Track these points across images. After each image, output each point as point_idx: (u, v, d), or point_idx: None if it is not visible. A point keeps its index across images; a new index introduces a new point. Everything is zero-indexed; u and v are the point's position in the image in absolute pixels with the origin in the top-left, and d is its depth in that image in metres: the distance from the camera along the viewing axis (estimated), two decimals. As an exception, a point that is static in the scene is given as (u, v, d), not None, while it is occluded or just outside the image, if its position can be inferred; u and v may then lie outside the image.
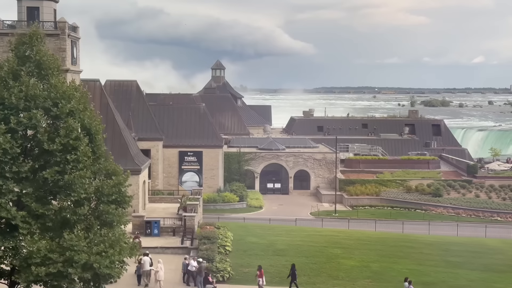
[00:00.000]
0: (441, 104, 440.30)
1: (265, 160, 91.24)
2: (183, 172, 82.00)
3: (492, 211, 77.24)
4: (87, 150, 27.33)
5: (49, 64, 28.27)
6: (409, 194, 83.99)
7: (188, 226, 45.36)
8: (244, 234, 47.28)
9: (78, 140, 27.14)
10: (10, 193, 26.36)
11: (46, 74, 28.15)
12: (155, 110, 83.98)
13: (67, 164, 26.74)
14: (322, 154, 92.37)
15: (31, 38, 28.19)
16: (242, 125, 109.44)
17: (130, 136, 58.24)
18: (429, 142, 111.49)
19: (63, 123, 27.23)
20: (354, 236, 49.49)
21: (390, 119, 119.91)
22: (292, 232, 49.61)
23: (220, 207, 77.05)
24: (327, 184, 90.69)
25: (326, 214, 75.78)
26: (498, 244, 50.34)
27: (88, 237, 26.75)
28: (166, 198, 59.43)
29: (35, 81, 27.50)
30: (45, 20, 46.87)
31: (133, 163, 51.85)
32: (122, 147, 52.15)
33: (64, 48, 46.45)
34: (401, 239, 49.72)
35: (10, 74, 27.38)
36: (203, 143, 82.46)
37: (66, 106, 27.38)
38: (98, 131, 28.72)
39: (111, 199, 28.28)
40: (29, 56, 28.10)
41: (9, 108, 26.77)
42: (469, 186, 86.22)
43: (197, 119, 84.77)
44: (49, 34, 46.61)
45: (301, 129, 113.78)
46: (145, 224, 45.26)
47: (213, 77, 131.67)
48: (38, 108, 26.98)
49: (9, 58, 27.87)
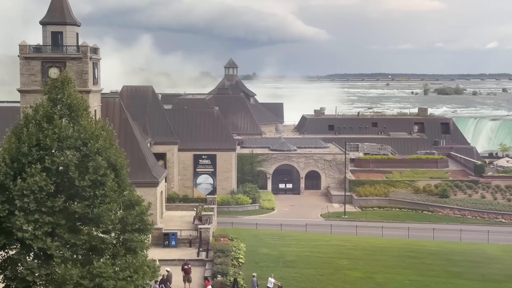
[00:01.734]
0: (454, 92, 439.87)
1: (277, 161, 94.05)
2: (198, 174, 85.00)
3: (496, 213, 79.57)
4: (113, 185, 30.33)
5: (78, 106, 31.24)
6: (417, 195, 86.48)
7: (204, 238, 48.42)
8: (256, 244, 50.28)
9: (105, 176, 30.16)
10: (46, 225, 29.43)
11: (76, 116, 31.12)
12: (170, 115, 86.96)
13: (96, 198, 29.79)
14: (332, 155, 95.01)
15: (63, 83, 31.14)
16: (254, 125, 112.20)
17: (147, 148, 61.23)
18: (438, 140, 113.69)
19: (92, 161, 30.20)
20: (360, 245, 52.31)
21: (399, 117, 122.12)
22: (301, 242, 52.53)
23: (234, 209, 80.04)
24: (337, 184, 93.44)
25: (336, 216, 78.58)
26: (497, 253, 52.90)
27: (115, 264, 29.82)
28: (182, 206, 62.55)
29: (67, 123, 30.44)
30: (68, 44, 49.79)
31: (150, 176, 54.88)
32: (141, 161, 55.15)
33: (86, 71, 49.40)
34: (405, 248, 52.47)
35: (44, 118, 30.37)
36: (216, 146, 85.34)
37: (95, 145, 30.35)
38: (123, 166, 31.67)
39: (135, 227, 31.31)
40: (61, 99, 31.07)
41: (44, 149, 29.77)
42: (475, 186, 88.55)
43: (211, 123, 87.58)
44: (72, 57, 49.64)
45: (312, 128, 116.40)
46: (163, 236, 48.34)
47: (226, 76, 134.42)
48: (69, 148, 29.98)
49: (43, 102, 30.82)
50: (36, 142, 29.86)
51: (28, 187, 28.77)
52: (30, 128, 30.11)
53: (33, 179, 28.76)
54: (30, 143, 29.77)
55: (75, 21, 51.07)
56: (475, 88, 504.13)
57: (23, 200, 28.85)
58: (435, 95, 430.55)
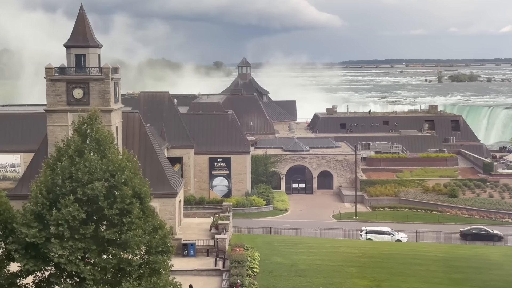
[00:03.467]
0: (468, 79, 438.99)
1: (290, 162, 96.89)
2: (213, 177, 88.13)
3: (503, 212, 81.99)
4: (139, 212, 33.42)
5: (105, 140, 34.30)
6: (427, 194, 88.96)
7: (220, 248, 51.60)
8: (270, 253, 53.35)
9: (132, 204, 33.26)
10: (78, 251, 32.62)
11: (104, 149, 34.17)
12: (186, 119, 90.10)
13: (123, 225, 32.94)
14: (344, 156, 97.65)
15: (91, 119, 34.19)
16: (268, 125, 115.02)
17: (166, 160, 64.25)
18: (448, 138, 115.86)
19: (119, 191, 33.28)
20: (368, 253, 55.14)
21: (410, 115, 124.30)
22: (312, 250, 55.49)
23: (249, 211, 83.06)
24: (349, 184, 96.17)
25: (347, 217, 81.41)
26: (499, 258, 55.54)
27: (141, 284, 33.00)
28: (199, 213, 65.74)
29: (96, 157, 33.49)
30: (91, 66, 52.86)
31: (169, 187, 58.00)
32: (160, 173, 58.25)
33: (108, 91, 52.47)
34: (411, 255, 55.26)
35: (76, 152, 33.46)
36: (231, 149, 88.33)
37: (121, 176, 33.41)
38: (147, 194, 34.73)
39: (158, 250, 34.43)
40: (90, 134, 34.13)
41: (76, 181, 32.88)
42: (484, 185, 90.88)
43: (226, 127, 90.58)
44: (95, 79, 52.74)
45: (325, 127, 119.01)
46: (182, 246, 51.55)
47: (240, 75, 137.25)
48: (98, 180, 33.07)
49: (74, 138, 33.90)
50: (68, 175, 32.97)
51: (63, 217, 31.95)
52: (63, 162, 33.21)
53: (67, 210, 31.92)
54: (63, 176, 32.90)
55: (97, 43, 54.09)
56: (490, 75, 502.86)
57: (58, 229, 32.04)
58: (449, 82, 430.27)
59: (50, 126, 52.97)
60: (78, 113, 49.77)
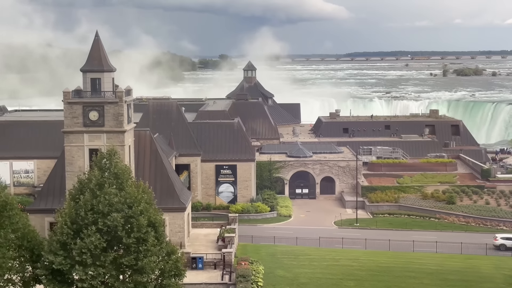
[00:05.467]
0: (473, 73, 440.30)
1: (294, 168, 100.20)
2: (220, 183, 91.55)
3: (499, 220, 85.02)
4: (154, 241, 36.92)
5: (123, 173, 37.75)
6: (425, 201, 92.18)
7: (227, 261, 55.13)
8: (273, 266, 56.87)
9: (147, 233, 36.77)
10: (100, 276, 36.15)
11: (121, 182, 37.62)
12: (193, 127, 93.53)
13: (140, 253, 36.44)
14: (346, 162, 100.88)
15: (110, 155, 37.63)
16: (272, 130, 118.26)
17: (175, 176, 67.66)
18: (448, 142, 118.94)
19: (136, 221, 36.75)
20: (366, 265, 58.49)
21: (411, 119, 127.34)
22: (314, 262, 58.92)
23: (254, 217, 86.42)
24: (350, 189, 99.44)
25: (348, 223, 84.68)
26: (490, 270, 58.78)
27: (156, 305, 36.56)
28: (206, 224, 69.23)
29: (115, 190, 36.93)
30: (105, 89, 56.21)
31: (179, 202, 61.48)
32: (169, 189, 61.72)
33: (122, 113, 55.83)
34: (406, 268, 58.52)
35: (97, 186, 36.94)
36: (237, 157, 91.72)
37: (138, 208, 36.88)
38: (161, 223, 38.26)
39: (171, 274, 37.96)
40: (109, 168, 37.59)
41: (97, 212, 36.37)
42: (481, 192, 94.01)
43: (231, 135, 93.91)
44: (110, 102, 56.09)
45: (328, 131, 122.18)
46: (191, 260, 55.05)
47: (245, 78, 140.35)
48: (117, 211, 36.54)
49: (95, 172, 37.35)
50: (90, 207, 36.50)
51: (86, 246, 35.49)
52: (86, 195, 36.68)
53: (89, 239, 35.46)
54: (86, 208, 36.43)
55: (111, 68, 57.40)
56: (495, 68, 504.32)
57: (82, 256, 35.58)
58: (454, 76, 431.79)
59: (68, 146, 56.38)
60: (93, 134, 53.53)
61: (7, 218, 35.97)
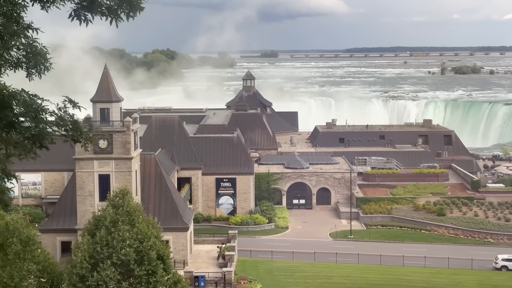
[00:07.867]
0: (471, 71, 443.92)
1: (291, 180, 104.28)
2: (220, 196, 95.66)
3: (486, 232, 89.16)
4: (162, 273, 40.94)
5: (135, 211, 41.77)
6: (417, 212, 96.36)
7: (227, 280, 59.26)
8: (270, 284, 61.07)
9: (157, 266, 40.79)
10: (114, 305, 40.21)
11: (133, 219, 41.65)
12: (194, 142, 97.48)
13: (150, 284, 40.46)
14: (341, 174, 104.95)
15: (123, 194, 41.65)
16: (271, 140, 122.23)
17: (179, 196, 71.69)
18: (440, 152, 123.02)
19: (146, 255, 40.78)
20: (357, 283, 62.65)
21: (406, 129, 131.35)
22: (308, 280, 63.05)
23: (252, 229, 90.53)
24: (346, 200, 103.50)
25: (343, 235, 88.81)
26: (473, 285, 63.12)
27: (164, 330, 40.60)
28: (207, 240, 73.34)
29: (128, 227, 40.96)
30: (114, 119, 60.16)
31: (182, 222, 65.54)
32: (173, 209, 65.78)
33: (129, 141, 59.79)
34: (395, 285, 62.62)
35: (111, 223, 40.97)
36: (236, 170, 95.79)
37: (148, 243, 40.90)
38: (168, 256, 42.24)
39: (178, 301, 42.02)
40: (122, 205, 41.60)
41: (112, 247, 40.41)
42: (470, 203, 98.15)
43: (231, 149, 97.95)
44: (118, 131, 60.04)
45: (324, 141, 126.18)
46: (193, 278, 59.17)
47: (244, 87, 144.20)
48: (130, 247, 40.56)
49: (109, 211, 41.39)
50: (106, 243, 40.51)
51: (102, 279, 39.53)
52: (101, 232, 40.71)
53: (105, 273, 39.48)
54: (101, 244, 40.43)
55: (119, 98, 61.31)
56: (493, 66, 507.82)
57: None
58: (452, 74, 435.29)
59: (78, 172, 60.33)
60: (103, 160, 57.53)
61: (29, 253, 39.91)
